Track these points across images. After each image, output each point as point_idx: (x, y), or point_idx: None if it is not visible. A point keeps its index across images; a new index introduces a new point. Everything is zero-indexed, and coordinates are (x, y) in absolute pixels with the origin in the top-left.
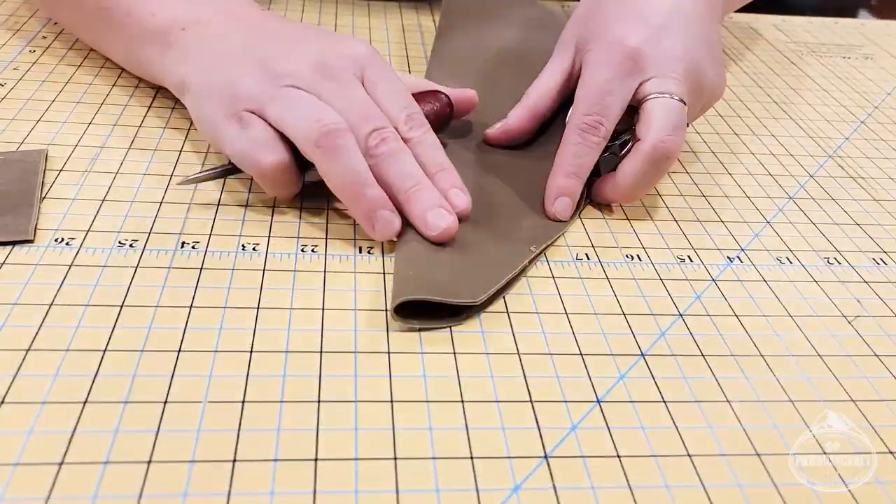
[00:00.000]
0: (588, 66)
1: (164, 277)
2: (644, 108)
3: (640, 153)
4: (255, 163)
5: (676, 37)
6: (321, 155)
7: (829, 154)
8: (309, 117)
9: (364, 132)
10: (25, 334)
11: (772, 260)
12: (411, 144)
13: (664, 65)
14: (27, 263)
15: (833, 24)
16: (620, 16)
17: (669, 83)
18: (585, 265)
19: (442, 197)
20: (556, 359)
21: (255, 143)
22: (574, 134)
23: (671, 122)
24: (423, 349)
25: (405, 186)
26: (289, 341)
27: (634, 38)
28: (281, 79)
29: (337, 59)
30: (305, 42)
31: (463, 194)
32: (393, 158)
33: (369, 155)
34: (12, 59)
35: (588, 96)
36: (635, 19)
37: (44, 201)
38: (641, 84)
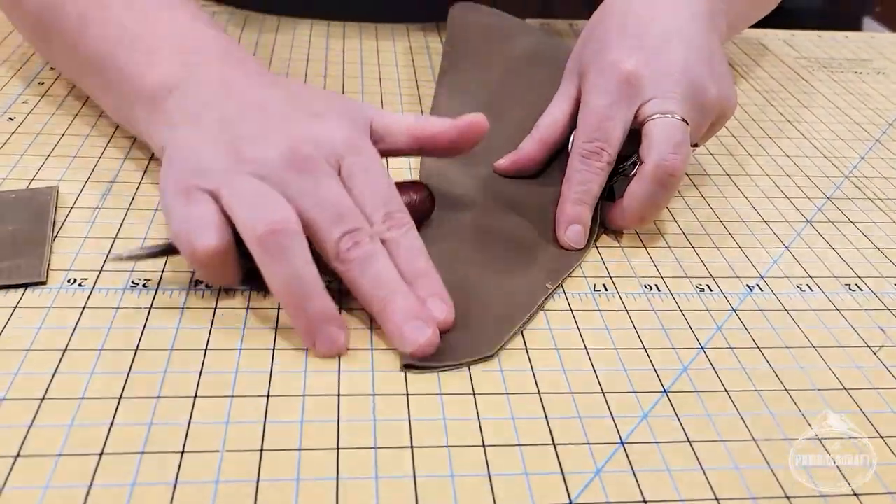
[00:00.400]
0: (587, 92)
1: (178, 318)
2: (645, 130)
3: (644, 175)
4: (189, 243)
5: (674, 57)
6: (262, 254)
7: (846, 175)
8: (259, 209)
9: (336, 234)
10: (40, 382)
11: (792, 288)
12: (388, 246)
13: (662, 85)
14: (40, 306)
15: (843, 38)
16: (617, 40)
17: (669, 103)
18: (604, 297)
19: (420, 306)
20: (577, 398)
21: (196, 223)
22: (577, 161)
23: (672, 142)
24: (442, 390)
25: (379, 295)
26: (306, 385)
27: (630, 62)
28: (247, 163)
29: (314, 147)
30: (285, 123)
31: (443, 304)
32: (367, 263)
33: (340, 260)
34: (21, 92)
35: (588, 123)
36: (631, 42)
37: (55, 240)
38: (641, 106)
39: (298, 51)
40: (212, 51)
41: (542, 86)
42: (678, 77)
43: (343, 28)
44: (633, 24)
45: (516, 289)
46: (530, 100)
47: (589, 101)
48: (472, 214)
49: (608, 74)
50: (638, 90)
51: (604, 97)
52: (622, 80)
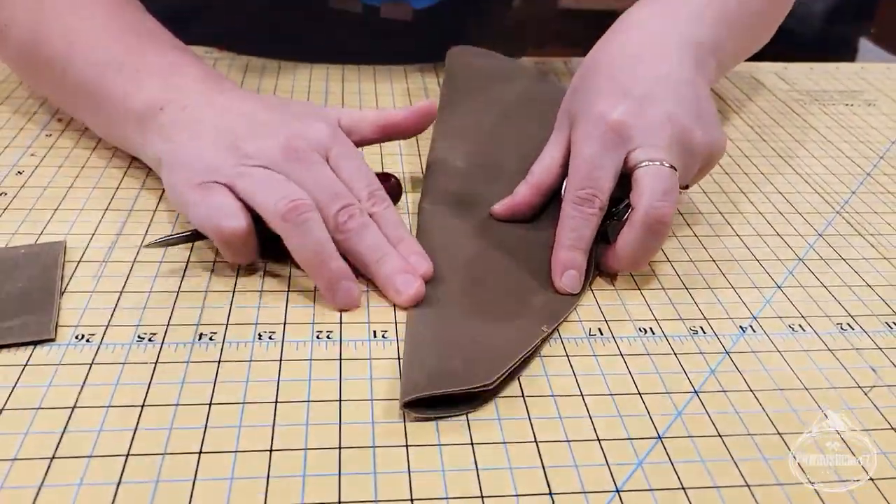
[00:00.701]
0: (576, 140)
1: (183, 373)
2: (634, 178)
3: (635, 222)
4: (217, 228)
5: (660, 104)
6: (289, 228)
7: (837, 210)
8: (277, 193)
9: (333, 209)
10: (49, 441)
11: (784, 328)
12: (375, 218)
13: (649, 133)
14: (49, 364)
15: (834, 69)
16: (604, 88)
17: (656, 150)
18: (599, 341)
19: (407, 263)
20: (573, 446)
21: (218, 210)
22: (570, 208)
23: (661, 188)
24: (441, 440)
25: (374, 257)
26: (307, 437)
27: (617, 111)
28: (250, 158)
29: (304, 141)
30: (273, 125)
31: (423, 260)
32: (363, 232)
33: (339, 230)
34: (29, 145)
35: (578, 171)
36: (618, 91)
37: (63, 295)
38: (629, 153)
39: (299, 94)
40: (192, 73)
41: (537, 128)
42: (664, 124)
43: (342, 70)
44: (620, 72)
45: (512, 332)
46: (525, 142)
47: (579, 149)
48: (467, 258)
49: (596, 124)
50: (626, 139)
51: (593, 146)
52: (610, 130)
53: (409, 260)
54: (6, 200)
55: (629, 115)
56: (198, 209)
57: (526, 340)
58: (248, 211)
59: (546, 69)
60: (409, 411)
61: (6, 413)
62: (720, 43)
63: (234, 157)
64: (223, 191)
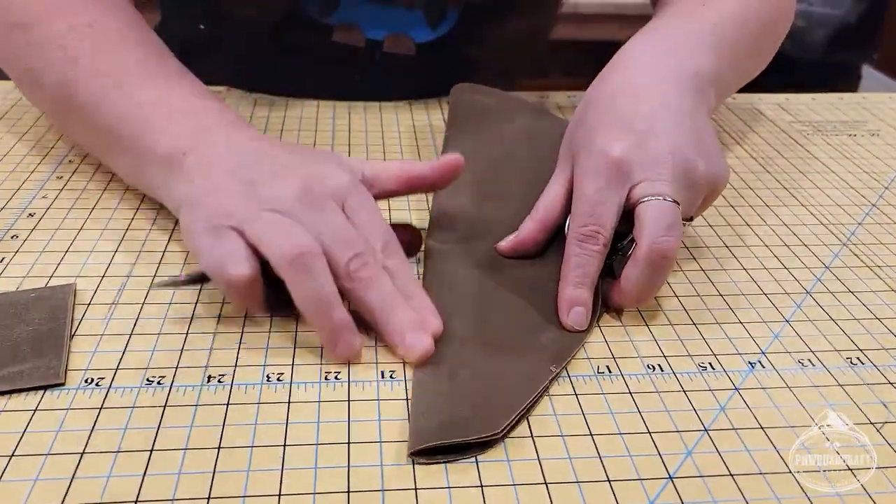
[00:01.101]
0: (578, 176)
1: (191, 417)
2: (637, 213)
3: (638, 258)
4: (224, 272)
5: (661, 137)
6: (294, 274)
7: (844, 242)
8: (286, 237)
9: (346, 256)
10: (58, 488)
11: (793, 363)
12: (388, 271)
13: (651, 168)
14: (59, 409)
15: (837, 99)
16: (605, 124)
17: (658, 185)
18: (608, 379)
19: (418, 318)
20: (583, 487)
21: (227, 255)
22: (574, 245)
23: (664, 224)
24: (450, 483)
25: (384, 308)
26: (316, 482)
27: (618, 147)
28: (265, 202)
29: (321, 187)
30: (292, 169)
31: (434, 317)
32: (374, 282)
33: (350, 278)
34: (41, 187)
35: (581, 208)
36: (619, 126)
37: (73, 339)
38: (632, 189)
39: (306, 131)
40: (215, 118)
41: (540, 164)
42: (666, 158)
43: (348, 108)
44: (621, 106)
45: (520, 373)
46: (529, 178)
47: (581, 186)
48: (474, 297)
49: (598, 160)
50: (627, 174)
51: (595, 182)
52: (611, 166)
53: (422, 316)
54: (17, 243)
55: (631, 151)
56: (207, 253)
57: (535, 381)
58: (257, 259)
59: (549, 104)
60: (418, 458)
61: (15, 459)
62: (720, 72)
63: (248, 201)
64: (233, 236)
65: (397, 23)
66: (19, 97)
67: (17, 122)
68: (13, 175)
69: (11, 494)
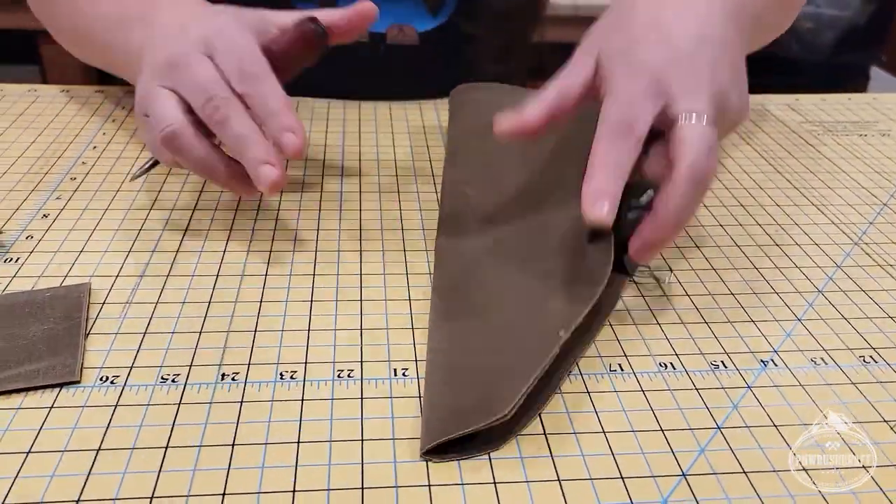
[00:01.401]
0: (614, 82)
1: (206, 414)
2: (675, 135)
3: (679, 178)
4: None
5: (702, 61)
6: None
7: (855, 241)
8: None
9: (199, 103)
10: (75, 484)
11: (806, 362)
12: (244, 98)
13: (691, 88)
14: (74, 406)
15: (846, 100)
16: (646, 37)
17: (699, 105)
18: (620, 377)
19: (269, 151)
20: (597, 483)
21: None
22: (604, 141)
23: (705, 145)
24: (464, 479)
25: (238, 148)
26: (330, 478)
27: (660, 59)
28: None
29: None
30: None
31: (293, 135)
32: (227, 122)
33: (210, 122)
34: (55, 188)
35: (615, 105)
36: (661, 41)
37: (88, 337)
38: (667, 107)
39: (317, 134)
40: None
41: (546, 154)
42: (707, 83)
43: (359, 109)
44: (665, 19)
45: (528, 339)
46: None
47: (617, 90)
48: (484, 278)
49: (638, 70)
50: (666, 89)
51: (632, 87)
52: (652, 78)
53: (279, 139)
54: (32, 243)
55: (672, 67)
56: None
57: (542, 352)
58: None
59: None
60: (430, 457)
61: (32, 456)
62: (758, 11)
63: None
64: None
65: (399, 14)
66: (33, 100)
67: (31, 124)
68: (27, 176)
69: (29, 490)
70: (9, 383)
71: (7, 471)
